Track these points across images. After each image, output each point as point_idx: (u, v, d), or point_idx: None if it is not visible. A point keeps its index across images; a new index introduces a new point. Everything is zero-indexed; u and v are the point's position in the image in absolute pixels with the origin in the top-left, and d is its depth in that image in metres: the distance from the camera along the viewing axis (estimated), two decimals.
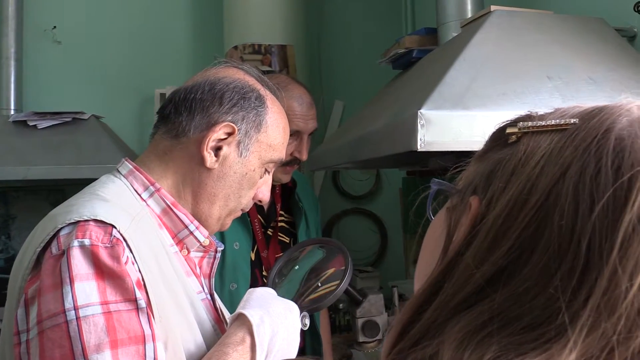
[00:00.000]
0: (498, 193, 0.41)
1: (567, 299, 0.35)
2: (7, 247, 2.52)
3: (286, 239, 1.49)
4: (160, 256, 0.78)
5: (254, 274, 1.39)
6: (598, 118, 0.40)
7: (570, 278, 0.35)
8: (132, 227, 0.75)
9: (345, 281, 0.97)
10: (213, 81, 0.86)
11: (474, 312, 0.37)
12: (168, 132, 0.86)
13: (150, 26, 2.68)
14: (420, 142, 0.91)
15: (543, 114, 0.45)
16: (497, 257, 0.38)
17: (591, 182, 0.37)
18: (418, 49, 1.59)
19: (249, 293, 0.88)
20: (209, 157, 0.84)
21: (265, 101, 0.89)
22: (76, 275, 0.67)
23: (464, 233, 0.42)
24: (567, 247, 0.36)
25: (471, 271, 0.39)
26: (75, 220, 0.72)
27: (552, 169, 0.39)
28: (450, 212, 0.46)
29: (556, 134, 0.41)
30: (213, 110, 0.84)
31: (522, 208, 0.39)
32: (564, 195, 0.37)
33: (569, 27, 1.21)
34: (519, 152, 0.42)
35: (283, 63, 2.33)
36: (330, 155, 1.63)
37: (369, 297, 1.32)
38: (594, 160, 0.38)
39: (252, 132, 0.87)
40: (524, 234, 0.38)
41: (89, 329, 0.65)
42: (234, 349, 0.76)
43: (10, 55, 2.41)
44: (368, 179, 2.83)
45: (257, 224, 1.43)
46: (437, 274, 0.42)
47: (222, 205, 0.88)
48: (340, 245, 1.05)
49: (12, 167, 2.02)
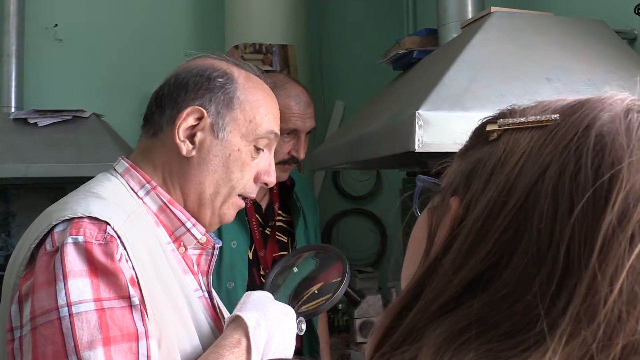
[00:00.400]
0: (477, 194, 0.40)
1: (546, 305, 0.34)
2: (7, 244, 2.53)
3: (284, 239, 1.49)
4: (156, 254, 0.78)
5: (252, 273, 1.39)
6: (579, 114, 0.39)
7: (549, 284, 0.34)
8: (127, 224, 0.74)
9: (342, 288, 0.97)
10: (178, 72, 0.87)
11: (453, 318, 0.37)
12: (146, 132, 0.87)
13: (151, 25, 2.69)
14: (418, 143, 0.91)
15: (525, 107, 0.44)
16: (476, 261, 0.37)
17: (571, 183, 0.36)
18: (418, 49, 1.58)
19: (246, 296, 0.88)
20: (183, 145, 0.83)
21: (233, 77, 0.87)
22: (69, 271, 0.67)
23: (443, 236, 0.41)
24: (546, 252, 0.35)
25: (450, 277, 0.38)
26: (70, 217, 0.71)
27: (532, 168, 0.38)
28: (432, 213, 0.45)
29: (536, 130, 0.40)
30: (181, 100, 0.84)
31: (500, 210, 0.38)
32: (543, 196, 0.36)
33: (569, 29, 1.21)
34: (498, 151, 0.40)
35: (284, 63, 2.33)
36: (330, 155, 1.63)
37: (367, 298, 1.33)
38: (573, 159, 0.36)
39: (223, 111, 0.85)
40: (502, 238, 0.37)
41: (81, 326, 0.65)
42: (230, 350, 0.76)
43: (11, 53, 2.42)
44: (368, 179, 2.83)
45: (254, 223, 1.43)
46: (417, 278, 0.41)
47: (212, 192, 0.86)
48: (338, 252, 1.06)
49: (12, 164, 2.03)
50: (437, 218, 0.43)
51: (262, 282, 1.40)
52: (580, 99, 0.42)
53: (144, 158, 0.87)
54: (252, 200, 1.43)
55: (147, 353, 0.69)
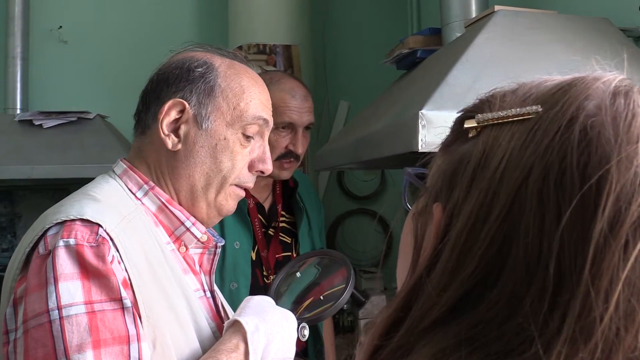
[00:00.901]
0: (460, 203, 0.37)
1: (540, 325, 0.32)
2: (12, 245, 2.54)
3: (287, 239, 1.48)
4: (152, 255, 0.78)
5: (255, 273, 1.39)
6: (561, 104, 0.36)
7: (541, 301, 0.32)
8: (120, 226, 0.74)
9: (346, 294, 0.96)
10: (160, 68, 0.86)
11: (442, 336, 0.35)
12: (137, 132, 0.88)
13: (155, 26, 2.69)
14: (422, 143, 0.90)
15: (505, 93, 0.41)
16: (462, 279, 0.35)
17: (556, 187, 0.33)
18: (422, 49, 1.58)
19: (247, 300, 0.87)
20: (168, 139, 0.82)
21: (213, 66, 0.85)
22: (60, 274, 0.67)
23: (429, 250, 0.39)
24: (536, 267, 0.33)
25: (435, 298, 0.36)
26: (62, 220, 0.71)
27: (514, 173, 0.34)
28: (416, 219, 0.42)
29: (517, 125, 0.36)
30: (163, 94, 0.83)
31: (484, 222, 0.35)
32: (528, 205, 0.33)
33: (574, 27, 1.20)
34: (478, 152, 0.37)
35: (288, 63, 2.33)
36: (334, 155, 1.63)
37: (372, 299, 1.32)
38: (557, 159, 0.33)
39: (205, 100, 0.83)
40: (488, 252, 0.34)
41: (71, 329, 0.65)
42: (227, 355, 0.75)
43: (16, 55, 2.43)
44: (373, 179, 2.83)
45: (257, 224, 1.42)
46: (404, 295, 0.39)
47: (203, 185, 0.84)
48: (343, 257, 1.05)
49: (17, 166, 2.03)
50: (421, 225, 0.41)
51: (265, 283, 1.40)
52: (563, 82, 0.38)
53: (137, 158, 0.87)
54: (254, 200, 1.43)
55: (139, 356, 0.68)
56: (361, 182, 2.82)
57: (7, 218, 2.55)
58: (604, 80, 0.37)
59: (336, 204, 2.78)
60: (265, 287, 1.39)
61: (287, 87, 1.41)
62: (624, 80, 0.38)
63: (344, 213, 2.79)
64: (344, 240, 2.77)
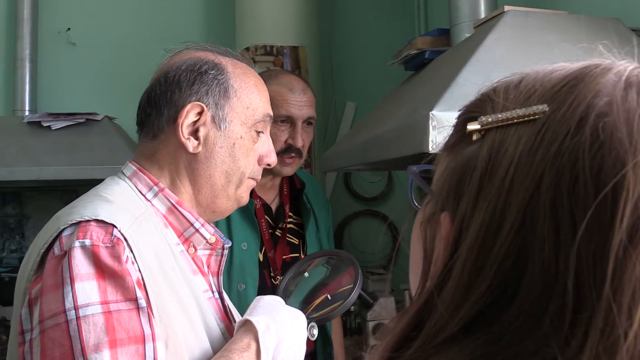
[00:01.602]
0: (468, 214, 0.35)
1: (561, 344, 0.30)
2: (21, 246, 2.55)
3: (295, 241, 1.48)
4: (163, 255, 0.78)
5: (262, 274, 1.39)
6: (570, 102, 0.33)
7: (561, 319, 0.30)
8: (133, 227, 0.75)
9: (354, 294, 0.97)
10: (166, 71, 0.86)
11: (458, 352, 0.33)
12: (146, 136, 0.87)
13: (163, 28, 2.69)
14: (432, 144, 0.90)
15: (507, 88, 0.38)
16: (476, 298, 0.33)
17: (569, 197, 0.31)
18: (430, 50, 1.58)
19: (257, 300, 0.88)
20: (189, 142, 0.83)
21: (222, 67, 0.87)
22: (77, 275, 0.67)
23: (439, 265, 0.37)
24: (553, 283, 0.31)
25: (447, 318, 0.34)
26: (77, 220, 0.72)
27: (524, 181, 0.32)
28: (424, 228, 0.40)
29: (523, 127, 0.34)
30: (176, 98, 0.84)
31: (496, 236, 0.33)
32: (541, 216, 0.31)
33: (584, 28, 1.19)
34: (483, 158, 0.35)
35: (295, 64, 2.33)
36: (341, 157, 1.62)
37: (380, 301, 1.32)
38: (568, 165, 0.31)
39: (221, 101, 0.85)
40: (502, 268, 0.33)
41: (88, 329, 0.65)
42: (239, 355, 0.76)
43: (25, 57, 2.44)
44: (380, 180, 2.82)
45: (264, 225, 1.42)
46: (416, 309, 0.37)
47: (224, 183, 0.87)
48: (351, 257, 1.05)
49: (26, 167, 2.04)
50: (430, 234, 0.39)
51: (272, 284, 1.40)
52: (569, 75, 0.36)
53: (148, 161, 0.87)
54: (261, 201, 1.43)
55: (154, 355, 0.69)
56: (368, 183, 2.82)
57: (15, 219, 2.56)
58: (615, 72, 0.34)
59: (343, 205, 2.78)
60: (272, 288, 1.39)
61: (285, 81, 1.41)
62: (636, 70, 0.35)
63: (350, 214, 2.79)
64: (350, 241, 2.77)
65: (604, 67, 0.35)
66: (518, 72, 0.40)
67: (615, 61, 0.36)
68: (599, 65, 0.36)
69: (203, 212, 0.89)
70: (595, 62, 0.36)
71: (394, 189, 2.84)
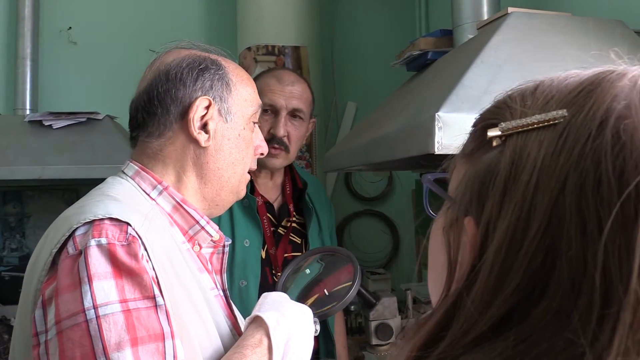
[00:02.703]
0: (494, 217, 0.36)
1: (590, 339, 0.31)
2: (21, 245, 2.55)
3: (297, 240, 1.49)
4: (172, 254, 0.79)
5: (264, 271, 1.39)
6: (589, 108, 0.35)
7: (589, 315, 0.31)
8: (145, 225, 0.75)
9: (353, 290, 0.98)
10: (165, 70, 0.87)
11: (488, 351, 0.34)
12: (150, 135, 0.86)
13: (163, 27, 2.69)
14: (438, 145, 0.90)
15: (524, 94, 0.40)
16: (505, 297, 0.34)
17: (594, 196, 0.32)
18: (433, 50, 1.58)
19: (264, 297, 0.89)
20: (200, 136, 0.85)
21: (220, 63, 0.90)
22: (94, 274, 0.67)
23: (465, 267, 0.38)
24: (581, 280, 0.32)
25: (476, 317, 0.35)
26: (90, 219, 0.72)
27: (548, 184, 0.34)
28: (447, 233, 0.41)
29: (544, 131, 0.36)
30: (181, 94, 0.85)
31: (523, 237, 0.34)
32: (567, 216, 0.33)
33: (587, 29, 1.20)
34: (506, 162, 0.36)
35: (296, 64, 2.33)
36: (344, 157, 1.62)
37: (383, 300, 1.32)
38: (592, 167, 0.33)
39: (225, 94, 0.88)
40: (531, 267, 0.34)
41: (109, 328, 0.65)
42: (252, 350, 0.77)
43: (26, 56, 2.44)
44: (380, 180, 2.83)
45: (266, 222, 1.43)
46: (444, 311, 0.38)
47: (230, 174, 0.89)
48: (349, 254, 1.06)
49: (27, 166, 2.04)
50: (454, 239, 0.40)
51: (274, 281, 1.40)
52: (585, 81, 0.37)
53: (152, 160, 0.87)
54: (263, 199, 1.44)
55: (174, 352, 0.69)
56: (368, 183, 2.82)
57: (16, 218, 2.56)
58: (630, 77, 0.36)
59: (343, 205, 2.78)
60: (274, 284, 1.39)
61: (276, 73, 1.44)
62: None
63: (351, 214, 2.79)
64: (351, 241, 2.77)
65: (619, 72, 0.37)
66: (531, 80, 0.42)
67: (628, 67, 0.37)
68: (614, 71, 0.37)
69: (207, 206, 0.90)
70: (609, 69, 0.38)
71: (395, 189, 2.84)
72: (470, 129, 0.44)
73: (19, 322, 0.75)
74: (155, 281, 0.72)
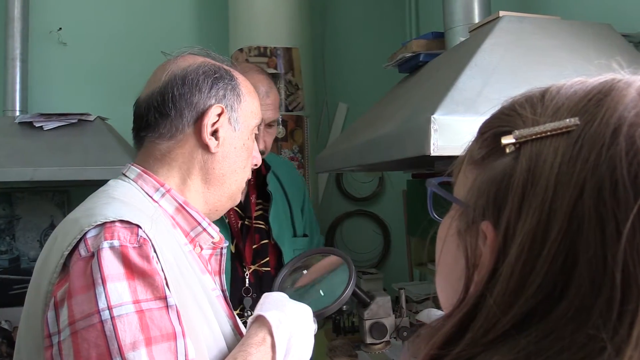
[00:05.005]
0: (513, 222, 0.38)
1: (610, 335, 0.33)
2: (11, 247, 2.53)
3: (264, 226, 1.51)
4: (178, 255, 0.80)
5: (234, 266, 1.42)
6: (601, 116, 0.37)
7: (609, 311, 0.34)
8: (153, 228, 0.76)
9: (348, 290, 1.00)
10: (182, 74, 0.88)
11: (510, 347, 0.36)
12: (161, 137, 0.87)
13: (155, 28, 2.69)
14: (434, 147, 0.92)
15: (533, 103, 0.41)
16: (527, 298, 0.36)
17: (611, 200, 0.34)
18: (425, 52, 1.60)
19: (265, 297, 0.91)
20: (211, 142, 0.87)
21: (232, 73, 0.93)
22: (108, 275, 0.68)
23: (485, 271, 0.39)
24: (601, 279, 0.34)
25: (499, 316, 0.37)
26: (102, 222, 0.73)
27: (567, 190, 0.36)
28: (463, 237, 0.43)
29: (558, 139, 0.37)
30: (196, 100, 0.87)
31: (544, 241, 0.36)
32: (586, 221, 0.35)
33: (577, 33, 1.22)
34: (522, 170, 0.38)
35: (289, 65, 2.34)
36: (337, 158, 1.64)
37: (377, 299, 1.33)
38: (608, 172, 0.35)
39: (235, 105, 0.91)
40: (552, 269, 0.36)
41: (123, 328, 0.66)
42: (257, 349, 0.79)
43: (15, 57, 2.41)
44: (372, 181, 2.85)
45: (232, 216, 1.45)
46: (465, 312, 0.40)
47: (232, 181, 0.92)
48: (344, 255, 1.08)
49: (18, 168, 2.02)
50: (471, 243, 0.41)
51: (244, 273, 1.43)
52: (593, 89, 0.39)
53: (158, 162, 0.88)
54: None
55: (185, 351, 0.70)
56: (360, 183, 2.84)
57: (5, 220, 2.53)
58: (636, 87, 0.38)
59: (335, 206, 2.80)
60: (244, 278, 1.43)
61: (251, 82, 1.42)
62: None
63: (342, 214, 2.81)
64: (342, 241, 2.79)
65: (626, 81, 0.39)
66: (536, 87, 0.44)
67: (631, 76, 0.40)
68: (620, 79, 0.39)
69: (208, 211, 0.91)
70: (613, 77, 0.40)
71: (386, 190, 2.86)
72: (476, 135, 0.45)
73: (26, 325, 0.75)
74: (166, 282, 0.73)
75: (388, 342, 1.36)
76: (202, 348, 0.77)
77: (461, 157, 0.48)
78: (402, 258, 2.79)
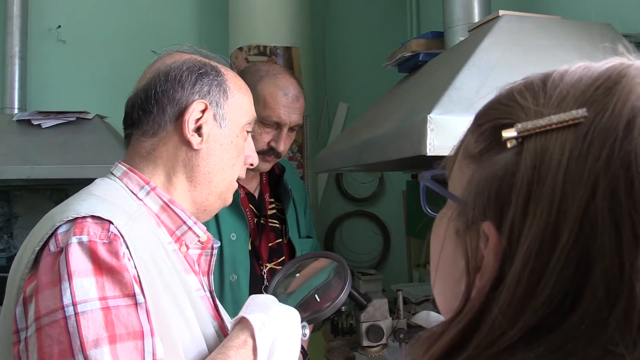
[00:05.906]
0: (518, 225, 0.34)
1: (630, 350, 0.30)
2: (9, 245, 2.53)
3: (278, 225, 1.51)
4: (157, 254, 0.79)
5: (252, 263, 1.40)
6: (612, 107, 0.33)
7: (627, 322, 0.31)
8: (128, 224, 0.75)
9: (343, 294, 0.98)
10: (165, 70, 0.87)
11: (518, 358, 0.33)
12: (145, 134, 0.87)
13: (155, 26, 2.68)
14: (430, 147, 0.91)
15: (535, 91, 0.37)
16: (535, 308, 0.33)
17: (627, 201, 0.31)
18: (424, 52, 1.59)
19: (251, 299, 0.89)
20: (193, 139, 0.86)
21: (219, 70, 0.91)
22: (74, 271, 0.67)
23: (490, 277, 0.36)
24: (619, 287, 0.31)
25: (504, 327, 0.34)
26: (73, 217, 0.72)
27: (577, 191, 0.32)
28: (462, 238, 0.39)
29: (565, 133, 0.34)
30: (179, 96, 0.86)
31: (554, 246, 0.32)
32: (600, 223, 0.31)
33: (577, 32, 1.21)
34: (527, 167, 0.34)
35: (288, 64, 2.33)
36: (335, 158, 1.63)
37: (374, 302, 1.32)
38: (622, 169, 0.31)
39: (221, 101, 0.89)
40: (563, 276, 0.32)
41: (87, 325, 0.65)
42: (236, 351, 0.77)
43: (14, 54, 2.41)
44: (371, 181, 2.84)
45: (249, 214, 1.44)
46: (467, 320, 0.36)
47: (219, 180, 0.90)
48: (340, 258, 1.07)
49: (16, 166, 2.02)
50: (472, 245, 0.38)
51: (262, 272, 1.42)
52: (600, 75, 0.35)
53: (143, 159, 0.87)
54: (245, 190, 1.45)
55: (153, 351, 0.69)
56: (359, 184, 2.83)
57: (3, 218, 2.53)
58: None
59: (334, 206, 2.79)
60: (262, 276, 1.41)
61: (281, 83, 1.41)
62: None
63: (342, 215, 2.80)
64: (342, 242, 2.78)
65: (636, 67, 0.35)
66: (532, 74, 0.40)
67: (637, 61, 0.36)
68: (630, 64, 0.35)
69: (196, 210, 0.90)
70: (621, 62, 0.36)
71: (385, 190, 2.85)
72: (472, 126, 0.41)
73: (2, 321, 0.74)
74: (137, 280, 0.72)
75: (385, 344, 1.34)
76: (177, 349, 0.75)
77: (456, 149, 0.44)
78: (401, 259, 2.78)
